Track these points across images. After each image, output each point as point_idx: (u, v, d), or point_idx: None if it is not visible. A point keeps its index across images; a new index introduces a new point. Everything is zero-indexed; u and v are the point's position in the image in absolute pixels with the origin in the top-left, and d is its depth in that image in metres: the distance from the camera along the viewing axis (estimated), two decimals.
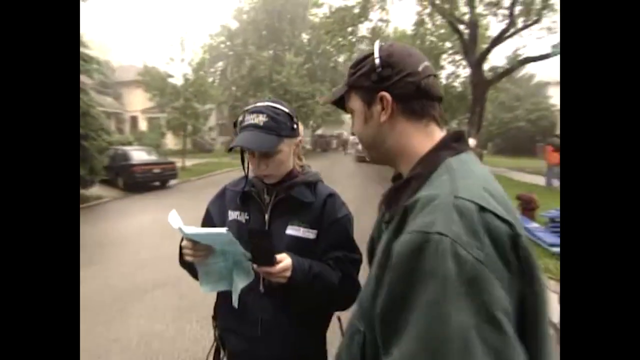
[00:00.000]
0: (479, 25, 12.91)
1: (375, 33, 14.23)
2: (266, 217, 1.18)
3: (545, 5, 11.18)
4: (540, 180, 11.14)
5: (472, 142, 13.35)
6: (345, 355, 0.72)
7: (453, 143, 0.72)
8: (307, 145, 31.76)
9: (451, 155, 0.69)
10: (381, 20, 14.01)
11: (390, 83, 0.72)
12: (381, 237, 0.72)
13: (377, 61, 0.73)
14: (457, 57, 17.11)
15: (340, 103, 0.85)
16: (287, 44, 26.78)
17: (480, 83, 12.80)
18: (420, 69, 0.73)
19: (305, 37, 28.25)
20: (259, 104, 1.14)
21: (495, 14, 12.14)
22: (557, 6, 11.18)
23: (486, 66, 13.70)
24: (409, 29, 17.14)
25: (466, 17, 12.76)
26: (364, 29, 14.60)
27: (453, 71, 18.20)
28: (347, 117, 40.44)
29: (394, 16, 23.60)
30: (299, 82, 22.94)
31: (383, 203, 0.75)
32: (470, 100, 15.10)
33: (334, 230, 1.17)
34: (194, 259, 1.06)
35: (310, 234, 1.16)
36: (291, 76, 22.37)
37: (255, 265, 1.01)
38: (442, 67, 18.27)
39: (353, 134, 0.84)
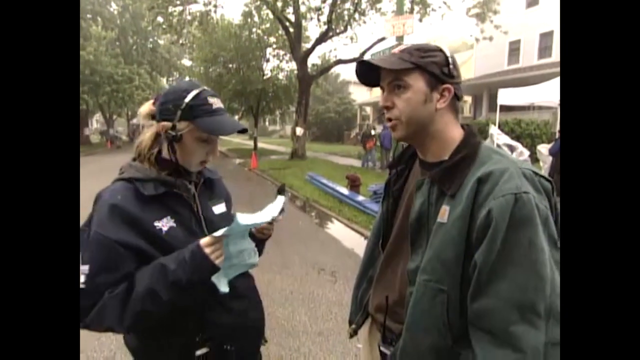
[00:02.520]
0: (302, 26, 14.53)
1: (204, 18, 13.89)
2: (197, 208, 1.09)
3: (351, 18, 13.67)
4: (352, 162, 13.78)
5: (300, 130, 15.05)
6: (427, 315, 0.80)
7: (475, 133, 0.90)
8: (124, 137, 27.78)
9: (481, 141, 0.88)
10: (212, 4, 13.69)
11: (454, 81, 0.86)
12: (431, 209, 0.84)
13: (450, 59, 0.85)
14: (281, 51, 18.59)
15: (369, 74, 0.90)
16: (90, 12, 22.24)
17: (305, 77, 14.52)
18: (461, 80, 0.90)
19: (115, 8, 24.21)
20: (202, 87, 1.03)
21: (318, 19, 13.91)
22: (360, 20, 13.94)
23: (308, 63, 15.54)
24: (235, 18, 17.47)
25: (290, 17, 14.11)
26: (190, 12, 13.96)
27: (277, 64, 19.67)
28: None
29: (221, 3, 22.97)
30: (112, 62, 19.71)
31: (437, 181, 0.84)
32: (294, 93, 16.88)
33: (229, 197, 1.26)
34: (223, 259, 0.97)
35: (226, 207, 1.20)
36: (100, 54, 18.98)
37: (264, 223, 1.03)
38: (268, 60, 19.48)
39: (387, 107, 0.88)
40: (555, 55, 16.40)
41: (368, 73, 0.91)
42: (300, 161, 14.05)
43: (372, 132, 12.68)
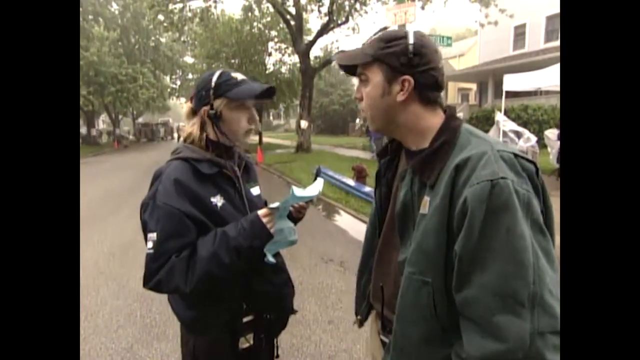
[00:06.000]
0: (303, 18, 14.42)
1: (205, 14, 13.86)
2: (240, 188, 1.19)
3: (352, 9, 13.52)
4: (358, 153, 13.75)
5: (304, 124, 15.02)
6: (414, 307, 0.79)
7: (456, 116, 0.86)
8: (130, 136, 28.03)
9: (461, 124, 0.83)
10: (212, 0, 13.62)
11: (416, 71, 0.80)
12: (414, 200, 0.81)
13: (410, 47, 0.78)
14: (282, 45, 18.49)
15: (349, 65, 0.87)
16: (92, 13, 22.34)
17: (308, 70, 14.46)
18: (440, 65, 0.82)
19: (116, 7, 24.33)
20: (223, 69, 1.18)
21: (319, 11, 13.78)
22: (362, 10, 13.79)
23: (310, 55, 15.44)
24: (236, 13, 17.38)
25: (291, 9, 14.00)
26: (190, 9, 13.93)
27: (280, 58, 19.59)
28: (172, 103, 36.68)
29: None
30: (115, 62, 19.80)
31: (417, 171, 0.81)
32: (298, 86, 16.81)
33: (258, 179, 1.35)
34: (275, 230, 1.10)
35: (260, 190, 1.30)
36: (103, 54, 19.07)
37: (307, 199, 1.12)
38: (270, 54, 19.42)
39: (357, 98, 0.88)
40: None
41: (347, 65, 0.89)
42: (306, 154, 14.05)
43: None
